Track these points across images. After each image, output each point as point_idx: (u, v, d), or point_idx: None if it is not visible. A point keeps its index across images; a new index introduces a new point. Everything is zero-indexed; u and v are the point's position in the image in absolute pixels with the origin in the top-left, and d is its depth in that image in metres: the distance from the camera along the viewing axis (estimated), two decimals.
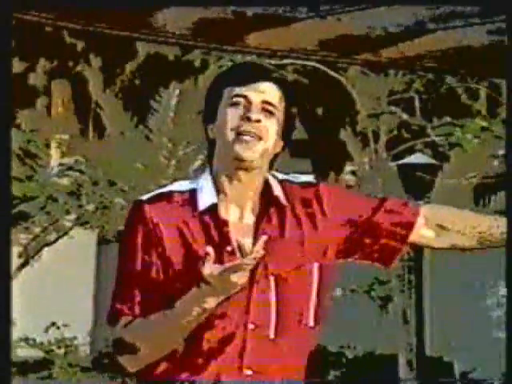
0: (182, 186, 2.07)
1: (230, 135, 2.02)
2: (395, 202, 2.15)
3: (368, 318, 11.01)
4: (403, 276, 10.01)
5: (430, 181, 8.82)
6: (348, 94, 9.53)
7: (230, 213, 2.03)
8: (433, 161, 9.18)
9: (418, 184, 8.86)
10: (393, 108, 9.86)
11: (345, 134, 11.75)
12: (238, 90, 2.04)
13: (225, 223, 2.01)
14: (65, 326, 10.25)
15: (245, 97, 2.04)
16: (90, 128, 10.98)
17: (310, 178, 2.13)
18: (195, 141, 10.07)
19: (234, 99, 2.04)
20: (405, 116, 9.89)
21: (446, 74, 8.10)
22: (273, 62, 8.20)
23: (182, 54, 10.17)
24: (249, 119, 2.02)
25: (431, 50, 3.82)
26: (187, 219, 2.02)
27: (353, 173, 11.84)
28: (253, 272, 1.97)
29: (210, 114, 2.09)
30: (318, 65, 8.44)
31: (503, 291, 10.40)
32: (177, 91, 9.83)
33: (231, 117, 2.03)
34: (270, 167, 2.09)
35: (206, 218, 2.01)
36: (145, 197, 2.06)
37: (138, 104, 10.31)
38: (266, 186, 2.07)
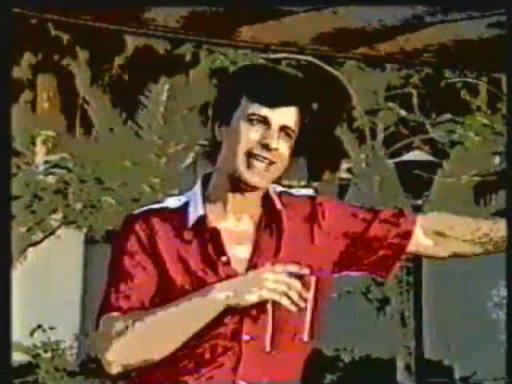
0: (175, 202, 2.07)
1: (241, 156, 1.99)
2: (391, 212, 2.17)
3: (365, 320, 11.03)
4: (401, 277, 10.02)
5: (428, 179, 8.84)
6: (344, 90, 9.54)
7: (228, 220, 2.04)
8: (431, 158, 9.19)
9: (416, 182, 8.87)
10: (390, 104, 9.88)
11: (341, 131, 11.77)
12: (258, 109, 2.00)
13: (217, 233, 2.01)
14: (51, 328, 10.24)
15: (265, 118, 2.00)
16: (77, 124, 10.97)
17: (309, 191, 2.15)
18: (186, 138, 10.08)
19: (253, 117, 2.00)
20: (403, 112, 9.91)
21: (445, 69, 8.12)
22: (266, 56, 8.21)
23: (172, 47, 10.17)
24: (266, 146, 1.99)
25: (429, 44, 3.82)
26: (180, 234, 2.02)
27: (349, 171, 11.86)
28: None
29: (222, 115, 2.05)
30: (313, 59, 8.44)
31: (504, 293, 10.43)
32: (167, 86, 9.83)
33: (246, 136, 1.99)
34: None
35: (198, 231, 2.01)
36: (136, 211, 2.06)
37: (126, 99, 10.31)
38: (268, 197, 2.08)
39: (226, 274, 1.98)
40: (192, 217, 2.02)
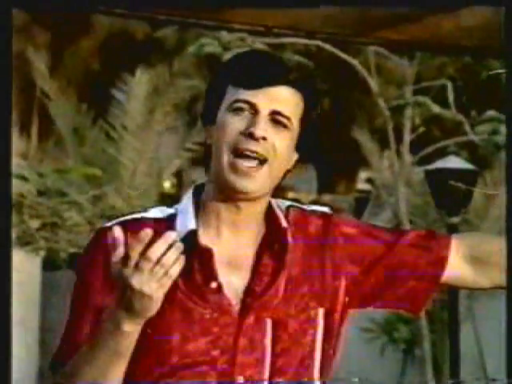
0: (157, 213, 2.09)
1: (225, 154, 2.00)
2: (419, 233, 2.18)
3: (389, 365, 11.03)
4: (434, 313, 10.04)
5: (466, 191, 8.85)
6: (363, 82, 9.58)
7: (223, 240, 2.06)
8: (471, 166, 9.22)
9: (451, 195, 8.88)
10: (420, 99, 9.91)
11: (359, 133, 11.82)
12: (242, 94, 2.01)
13: (208, 254, 2.03)
14: None
15: (251, 104, 2.01)
16: (34, 123, 11.00)
17: (323, 208, 2.17)
18: (169, 140, 10.10)
19: (237, 104, 2.02)
20: (435, 109, 9.94)
21: (487, 57, 8.15)
22: (267, 40, 8.26)
23: (152, 30, 10.22)
24: (251, 136, 1.99)
25: (468, 27, 3.85)
26: None
27: (369, 181, 11.89)
28: (241, 311, 2.02)
29: (208, 113, 2.08)
30: (324, 45, 8.49)
31: None
32: (145, 78, 9.86)
33: (230, 129, 2.01)
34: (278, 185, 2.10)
35: (184, 250, 1.97)
36: (110, 223, 2.06)
37: (96, 93, 10.34)
38: (271, 213, 2.09)
39: (218, 303, 2.01)
40: (180, 231, 2.02)
